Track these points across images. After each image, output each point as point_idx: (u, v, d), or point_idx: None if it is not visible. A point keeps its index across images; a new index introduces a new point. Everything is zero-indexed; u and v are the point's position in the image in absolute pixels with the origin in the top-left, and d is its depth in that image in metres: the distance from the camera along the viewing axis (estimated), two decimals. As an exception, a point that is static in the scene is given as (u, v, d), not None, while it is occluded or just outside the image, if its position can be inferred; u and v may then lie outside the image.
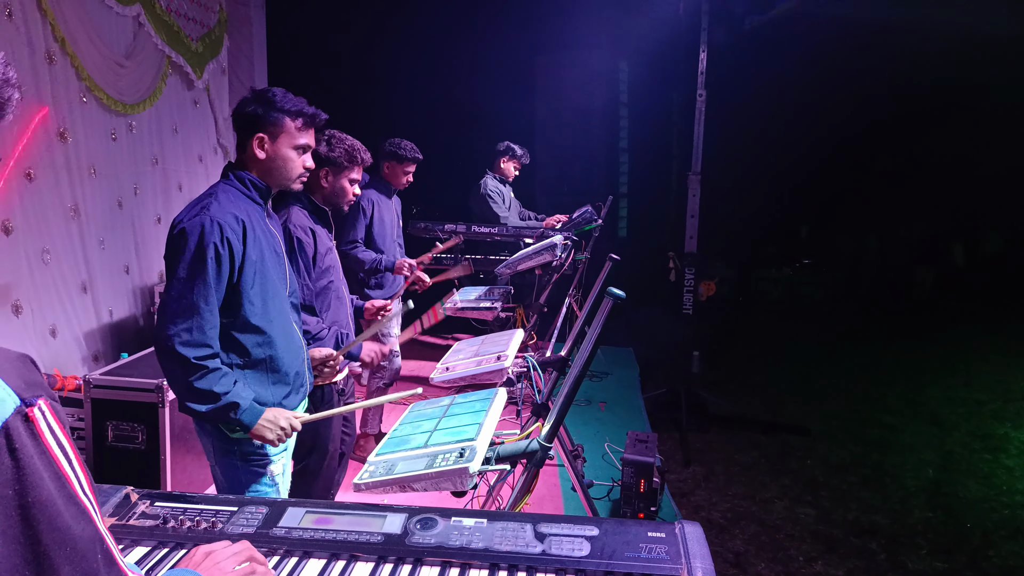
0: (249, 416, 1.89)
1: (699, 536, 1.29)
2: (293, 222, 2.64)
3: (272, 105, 1.96)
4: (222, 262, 1.86)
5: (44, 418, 0.71)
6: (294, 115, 1.98)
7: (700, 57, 4.83)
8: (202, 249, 1.83)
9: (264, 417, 1.91)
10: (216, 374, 1.85)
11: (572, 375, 1.62)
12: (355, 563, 1.28)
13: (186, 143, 5.32)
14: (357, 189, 2.81)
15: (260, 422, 1.90)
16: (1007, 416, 5.06)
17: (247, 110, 1.97)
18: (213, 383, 1.84)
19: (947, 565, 3.20)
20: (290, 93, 2.01)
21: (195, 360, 1.82)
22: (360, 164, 2.77)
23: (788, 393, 5.63)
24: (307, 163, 2.05)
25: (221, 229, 1.85)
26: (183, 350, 1.82)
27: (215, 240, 1.84)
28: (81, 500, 0.73)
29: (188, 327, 1.82)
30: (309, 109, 2.01)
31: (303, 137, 2.01)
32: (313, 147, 2.07)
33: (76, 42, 3.99)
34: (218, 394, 1.84)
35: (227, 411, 1.86)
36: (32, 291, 3.77)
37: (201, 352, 1.83)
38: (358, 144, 2.77)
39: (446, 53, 7.02)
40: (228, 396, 1.85)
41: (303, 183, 2.09)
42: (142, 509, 1.40)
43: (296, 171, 2.03)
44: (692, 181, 4.89)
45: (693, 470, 4.15)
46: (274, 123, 1.97)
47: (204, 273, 1.83)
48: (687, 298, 4.94)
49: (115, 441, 3.18)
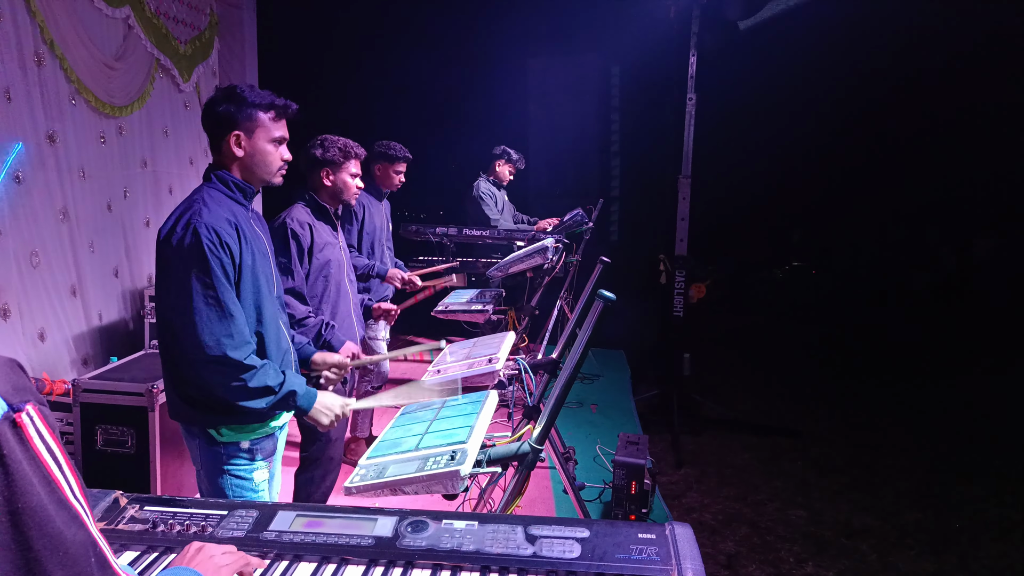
0: (306, 400, 1.95)
1: (689, 537, 1.29)
2: (292, 216, 2.82)
3: (244, 101, 1.95)
4: (225, 266, 1.86)
5: (33, 423, 0.70)
6: (266, 108, 1.97)
7: (690, 61, 4.86)
8: (206, 256, 1.83)
9: (319, 402, 1.97)
10: (265, 369, 1.88)
11: (563, 377, 1.62)
12: (346, 566, 1.27)
13: (177, 145, 5.30)
14: (359, 182, 2.99)
15: (316, 406, 1.96)
16: (996, 416, 5.10)
17: (218, 109, 1.96)
18: (266, 378, 1.87)
19: (937, 565, 3.21)
20: (256, 87, 2.01)
21: (246, 361, 1.85)
22: (356, 158, 2.94)
23: (779, 395, 5.66)
24: (284, 155, 2.04)
25: (218, 234, 1.85)
26: (233, 354, 1.82)
27: (216, 246, 1.84)
28: (72, 505, 0.72)
29: (229, 332, 1.83)
30: (279, 100, 2.00)
31: (277, 129, 2.01)
32: (288, 138, 2.06)
33: (66, 44, 3.97)
34: (273, 388, 1.88)
35: (286, 401, 1.92)
36: (21, 294, 3.74)
37: (247, 351, 1.86)
38: (349, 141, 2.93)
39: (438, 56, 7.02)
40: (284, 387, 1.90)
41: (284, 176, 2.08)
42: (131, 513, 1.39)
43: (275, 164, 2.02)
44: (682, 184, 4.92)
45: (685, 472, 4.15)
46: (248, 119, 1.96)
47: (217, 276, 1.83)
48: (678, 301, 4.95)
49: (104, 445, 3.16)
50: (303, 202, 2.91)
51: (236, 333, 1.84)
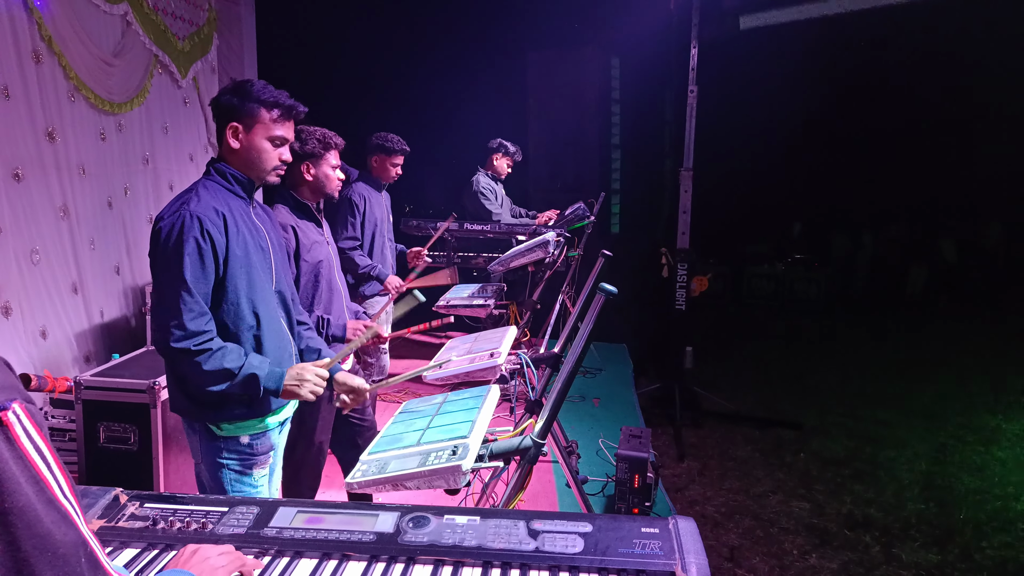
0: (272, 382, 1.89)
1: (693, 531, 1.28)
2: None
3: (248, 95, 1.94)
4: (204, 256, 1.85)
5: (19, 421, 0.69)
6: (270, 106, 1.95)
7: (691, 53, 4.84)
8: (182, 244, 1.82)
9: (289, 377, 1.91)
10: (221, 351, 1.85)
11: (565, 371, 1.61)
12: (347, 562, 1.27)
13: (177, 142, 5.29)
14: (340, 173, 2.86)
15: (286, 383, 1.90)
16: (999, 409, 5.09)
17: (223, 99, 1.96)
18: (222, 360, 1.84)
19: (940, 557, 3.21)
20: (271, 86, 1.98)
21: (195, 347, 1.82)
22: (335, 148, 2.81)
23: (781, 388, 5.65)
24: (283, 156, 2.02)
25: (201, 223, 1.84)
26: (182, 344, 1.81)
27: (195, 235, 1.83)
28: (61, 504, 0.71)
29: (179, 322, 1.81)
30: (287, 101, 1.98)
31: (279, 129, 1.98)
32: (291, 140, 2.04)
33: (63, 41, 3.95)
34: (231, 370, 1.84)
35: (249, 384, 1.86)
36: (22, 292, 3.74)
37: (198, 340, 1.83)
38: (327, 131, 2.81)
39: (438, 50, 7.00)
40: (244, 369, 1.85)
41: (279, 176, 2.07)
42: (131, 511, 1.38)
43: (271, 163, 2.00)
44: (684, 177, 4.90)
45: (687, 465, 4.15)
46: (249, 113, 1.94)
47: (189, 267, 1.82)
48: (680, 294, 4.94)
49: (107, 442, 3.16)
50: (283, 203, 2.77)
51: (188, 322, 1.82)
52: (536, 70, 7.70)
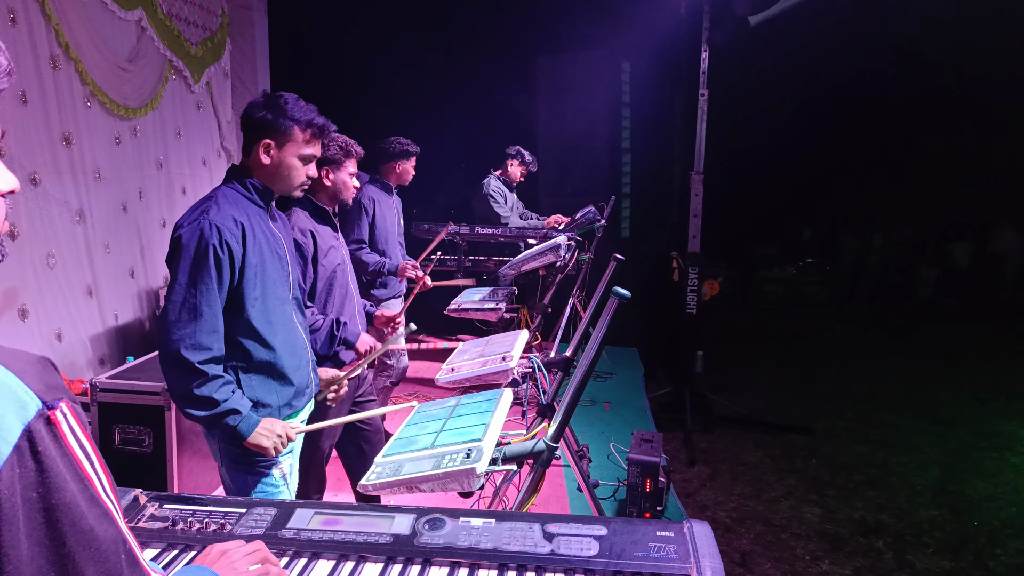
0: (246, 425, 1.89)
1: (708, 535, 1.29)
2: (293, 224, 2.73)
3: (283, 112, 1.94)
4: (222, 265, 1.86)
5: (66, 420, 0.71)
6: (304, 125, 1.96)
7: (702, 56, 4.84)
8: (202, 253, 1.84)
9: (261, 425, 1.91)
10: (217, 381, 1.86)
11: (578, 375, 1.62)
12: (364, 564, 1.28)
13: (189, 146, 5.33)
14: (356, 181, 2.91)
15: (257, 430, 1.90)
16: (1012, 414, 5.05)
17: (257, 115, 1.96)
18: (213, 390, 1.85)
19: (954, 564, 3.19)
20: (301, 100, 1.99)
21: (198, 364, 1.83)
22: (355, 157, 2.86)
23: (792, 392, 5.63)
24: (310, 172, 2.04)
25: (220, 232, 1.85)
26: (187, 354, 1.82)
27: (214, 243, 1.84)
28: (104, 501, 0.73)
29: (191, 331, 1.83)
30: (320, 120, 1.99)
31: (310, 148, 2.00)
32: (319, 157, 2.06)
33: (80, 47, 4.00)
34: (217, 401, 1.85)
35: (224, 417, 1.86)
36: (38, 295, 3.78)
37: (204, 356, 1.84)
38: (349, 139, 2.86)
39: (448, 54, 7.04)
40: (227, 403, 1.86)
41: (304, 191, 2.10)
42: (151, 511, 1.40)
43: (299, 180, 2.02)
44: (695, 181, 4.89)
45: (698, 470, 4.14)
46: (283, 131, 1.95)
47: (205, 277, 1.84)
48: (691, 298, 4.94)
49: (122, 444, 3.19)
50: (301, 207, 2.82)
51: (198, 333, 1.83)
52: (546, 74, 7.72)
